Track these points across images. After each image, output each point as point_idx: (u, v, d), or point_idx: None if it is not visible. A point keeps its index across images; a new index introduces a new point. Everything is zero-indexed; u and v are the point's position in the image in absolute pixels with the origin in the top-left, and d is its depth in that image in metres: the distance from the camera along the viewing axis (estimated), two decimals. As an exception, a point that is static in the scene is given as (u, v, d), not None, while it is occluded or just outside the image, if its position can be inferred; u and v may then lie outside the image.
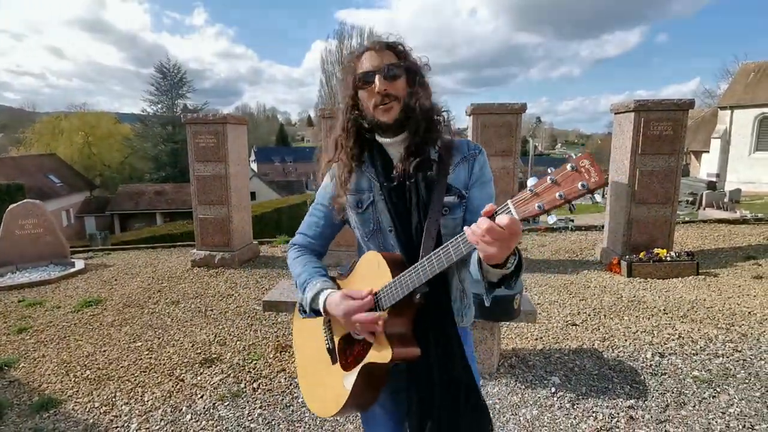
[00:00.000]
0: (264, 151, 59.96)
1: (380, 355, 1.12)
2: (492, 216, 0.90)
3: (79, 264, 5.98)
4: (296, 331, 1.44)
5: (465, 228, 0.95)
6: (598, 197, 0.86)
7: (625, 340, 3.34)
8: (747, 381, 2.75)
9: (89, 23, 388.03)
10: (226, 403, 2.73)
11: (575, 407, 2.56)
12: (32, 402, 2.80)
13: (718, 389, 2.67)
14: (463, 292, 1.29)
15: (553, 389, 2.74)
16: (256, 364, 3.20)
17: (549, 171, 0.85)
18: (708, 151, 22.29)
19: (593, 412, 2.51)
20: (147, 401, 2.78)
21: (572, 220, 14.56)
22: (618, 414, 2.47)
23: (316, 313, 1.23)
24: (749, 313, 3.75)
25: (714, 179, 20.26)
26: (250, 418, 2.59)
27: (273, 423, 2.54)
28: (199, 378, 3.03)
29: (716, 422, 2.38)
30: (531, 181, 0.86)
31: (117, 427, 2.54)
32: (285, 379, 2.99)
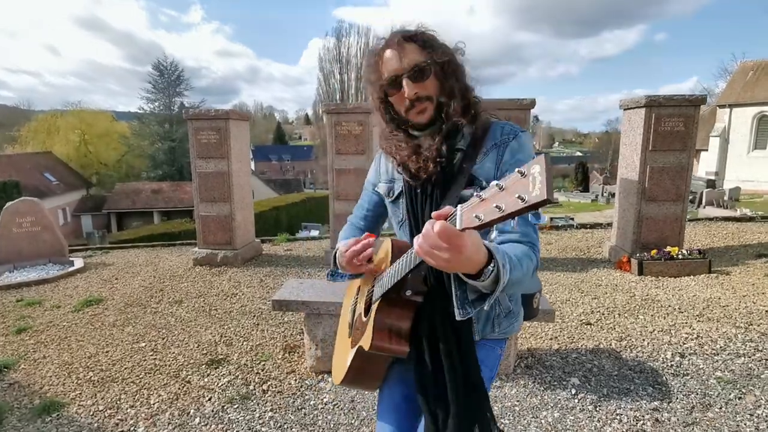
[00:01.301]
0: (261, 149, 59.79)
1: (364, 340, 1.13)
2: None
3: (78, 263, 5.87)
4: (344, 299, 1.54)
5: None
6: (545, 217, 0.69)
7: (643, 340, 3.27)
8: (772, 382, 2.68)
9: (85, 21, 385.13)
10: (235, 406, 2.64)
11: (598, 409, 2.48)
12: (33, 405, 2.70)
13: (744, 390, 2.60)
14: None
15: (573, 391, 2.66)
16: (264, 365, 3.10)
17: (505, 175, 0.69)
18: (707, 150, 22.30)
19: (617, 414, 2.43)
20: (153, 404, 2.68)
21: (572, 218, 14.57)
22: (643, 416, 2.39)
23: (335, 269, 1.29)
24: (766, 311, 3.68)
25: (713, 177, 20.30)
26: (261, 422, 2.50)
27: (285, 426, 2.45)
28: (206, 379, 2.94)
29: (745, 424, 2.30)
30: (492, 184, 0.70)
31: (123, 431, 2.45)
32: (295, 380, 2.89)
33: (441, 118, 1.11)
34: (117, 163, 34.94)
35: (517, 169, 0.65)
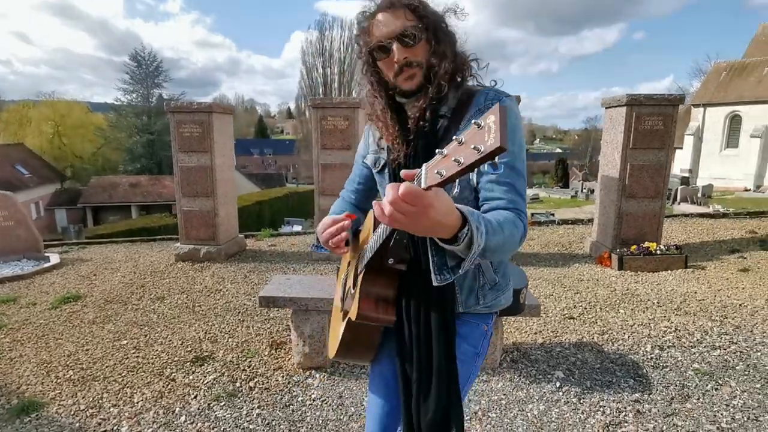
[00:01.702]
0: (243, 143, 58.93)
1: (352, 311, 1.13)
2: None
3: (54, 258, 5.70)
4: (338, 274, 1.54)
5: None
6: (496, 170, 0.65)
7: (624, 333, 3.35)
8: (747, 373, 2.78)
9: (58, 7, 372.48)
10: (222, 404, 2.61)
11: (582, 402, 2.54)
12: (11, 405, 2.62)
13: (720, 382, 2.69)
14: (477, 267, 1.15)
15: (557, 384, 2.71)
16: (250, 361, 3.07)
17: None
18: (681, 148, 22.90)
19: (600, 406, 2.49)
20: (137, 402, 2.63)
21: (552, 214, 14.80)
22: (625, 408, 2.46)
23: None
24: (740, 305, 3.82)
25: (687, 175, 20.88)
26: (248, 419, 2.48)
27: (273, 423, 2.44)
28: (191, 377, 2.90)
29: (722, 414, 2.39)
30: (453, 139, 0.69)
31: (106, 431, 2.40)
32: (282, 377, 2.88)
33: (428, 84, 1.09)
34: (93, 156, 34.02)
35: (473, 121, 0.63)
